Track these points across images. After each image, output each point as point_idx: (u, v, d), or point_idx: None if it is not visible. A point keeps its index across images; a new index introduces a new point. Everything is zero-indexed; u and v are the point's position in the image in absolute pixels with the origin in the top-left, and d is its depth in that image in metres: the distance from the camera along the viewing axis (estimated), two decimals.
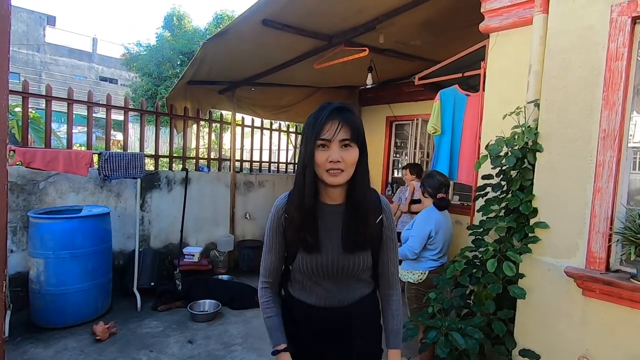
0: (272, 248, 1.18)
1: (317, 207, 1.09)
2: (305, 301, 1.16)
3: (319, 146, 1.01)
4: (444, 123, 3.03)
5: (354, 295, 1.15)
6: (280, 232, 1.15)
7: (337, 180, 1.02)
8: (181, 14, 12.59)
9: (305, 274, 1.12)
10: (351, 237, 1.08)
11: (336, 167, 1.00)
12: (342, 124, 1.01)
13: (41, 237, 3.00)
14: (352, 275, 1.13)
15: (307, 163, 1.03)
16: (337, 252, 1.09)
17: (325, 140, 1.00)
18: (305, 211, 1.06)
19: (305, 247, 1.09)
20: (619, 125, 1.64)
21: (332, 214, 1.11)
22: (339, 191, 1.09)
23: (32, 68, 17.56)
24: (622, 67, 1.63)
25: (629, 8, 1.61)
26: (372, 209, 1.11)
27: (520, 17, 2.30)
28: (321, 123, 1.00)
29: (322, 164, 1.01)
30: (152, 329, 3.17)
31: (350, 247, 1.09)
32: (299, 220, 1.08)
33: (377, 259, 1.18)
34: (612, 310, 1.65)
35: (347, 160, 1.01)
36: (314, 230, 1.08)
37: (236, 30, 3.11)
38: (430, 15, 3.15)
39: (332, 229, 1.10)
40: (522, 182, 2.01)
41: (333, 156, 1.00)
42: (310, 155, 1.02)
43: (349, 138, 1.01)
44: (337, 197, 1.11)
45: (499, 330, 1.90)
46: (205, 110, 4.97)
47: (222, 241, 4.72)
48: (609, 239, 1.67)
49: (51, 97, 3.60)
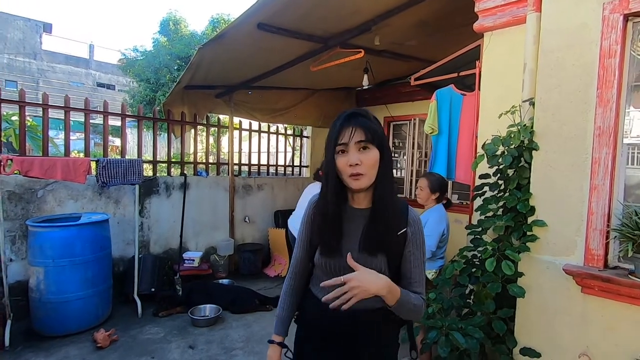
0: (300, 242, 1.23)
1: (345, 211, 1.13)
2: (317, 295, 1.18)
3: (338, 152, 1.06)
4: (441, 123, 3.04)
5: (362, 303, 1.10)
6: (309, 227, 1.20)
7: (359, 185, 1.05)
8: (177, 19, 12.59)
9: (323, 270, 1.16)
10: (368, 238, 1.09)
11: (356, 172, 1.03)
12: (356, 127, 1.04)
13: (40, 245, 2.99)
14: None
15: (329, 170, 1.08)
16: (354, 254, 1.09)
17: (343, 144, 1.05)
18: (328, 217, 1.10)
19: (324, 249, 1.13)
20: (614, 122, 1.65)
21: (358, 217, 1.13)
22: (364, 195, 1.12)
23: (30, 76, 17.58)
24: (616, 64, 1.64)
25: (621, 5, 1.61)
26: (393, 216, 1.10)
27: (514, 16, 2.31)
28: (338, 130, 1.06)
29: (343, 169, 1.05)
30: (153, 335, 3.16)
31: (367, 248, 1.09)
32: (322, 223, 1.12)
33: (395, 272, 1.13)
34: (611, 307, 1.66)
35: (365, 162, 1.04)
36: (335, 234, 1.11)
37: (231, 35, 3.12)
38: (424, 16, 3.16)
39: (354, 233, 1.12)
40: (519, 180, 2.01)
41: (352, 159, 1.03)
42: (331, 162, 1.07)
43: (364, 139, 1.04)
44: (362, 202, 1.13)
45: (500, 329, 1.90)
46: (203, 115, 4.98)
47: (221, 245, 4.72)
48: (606, 236, 1.68)
49: (48, 106, 3.60)
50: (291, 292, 1.26)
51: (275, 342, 1.23)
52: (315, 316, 1.19)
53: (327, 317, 1.14)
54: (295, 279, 1.26)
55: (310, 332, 1.21)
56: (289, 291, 1.26)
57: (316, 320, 1.18)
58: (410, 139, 5.30)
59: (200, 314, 3.52)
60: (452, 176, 3.07)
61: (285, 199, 5.72)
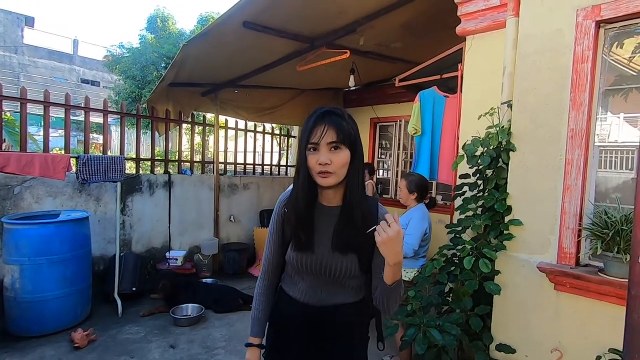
0: (271, 240, 1.23)
1: (316, 208, 1.14)
2: (289, 293, 1.20)
3: (309, 149, 1.06)
4: (424, 124, 3.08)
5: (334, 299, 1.15)
6: (280, 225, 1.20)
7: (327, 182, 1.05)
8: (165, 16, 12.41)
9: (294, 267, 1.17)
10: (340, 238, 1.10)
11: (325, 170, 1.04)
12: (329, 127, 1.04)
13: (16, 243, 2.91)
14: (336, 279, 1.13)
15: (300, 166, 1.09)
16: (326, 252, 1.12)
17: (314, 144, 1.05)
18: (299, 212, 1.11)
19: (297, 245, 1.13)
20: (586, 125, 1.71)
21: (328, 215, 1.13)
22: (333, 193, 1.12)
23: (10, 70, 17.06)
24: (588, 69, 1.70)
25: (593, 12, 1.67)
26: (364, 215, 1.09)
27: (495, 20, 2.37)
28: (310, 128, 1.05)
29: (313, 166, 1.06)
30: (133, 335, 3.11)
31: (339, 247, 1.10)
32: (294, 220, 1.13)
33: (366, 269, 1.14)
34: (582, 303, 1.71)
35: (335, 162, 1.04)
36: (307, 230, 1.12)
37: (216, 32, 3.10)
38: (409, 19, 3.20)
39: (326, 230, 1.13)
40: (497, 180, 2.06)
41: (321, 159, 1.03)
42: (303, 159, 1.07)
43: (336, 140, 1.04)
44: (332, 199, 1.14)
45: (476, 326, 1.94)
46: (188, 113, 4.92)
47: (206, 244, 4.67)
48: (578, 235, 1.73)
49: (26, 100, 3.51)
50: (265, 291, 1.25)
51: (253, 344, 1.22)
52: (289, 313, 1.19)
53: (302, 314, 1.16)
54: (268, 278, 1.25)
55: (283, 329, 1.21)
56: (262, 291, 1.25)
57: (290, 317, 1.19)
58: (396, 140, 5.36)
59: (182, 313, 3.48)
60: (435, 176, 3.11)
61: (271, 199, 5.70)
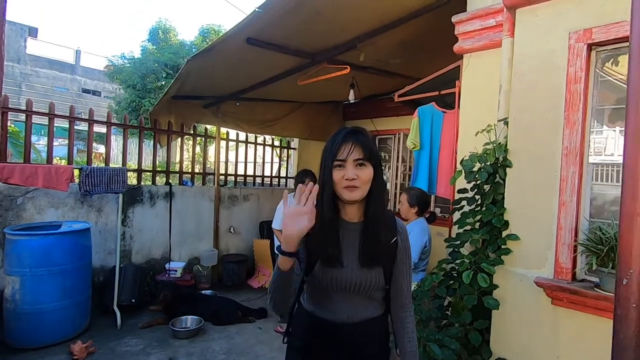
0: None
1: (338, 222, 1.16)
2: (314, 313, 1.19)
3: (335, 166, 1.10)
4: (423, 138, 3.14)
5: (363, 314, 1.17)
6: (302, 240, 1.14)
7: (354, 196, 1.09)
8: (167, 27, 12.60)
9: (320, 286, 1.15)
10: (367, 253, 1.13)
11: (352, 185, 1.08)
12: (355, 145, 1.09)
13: (18, 254, 2.93)
14: (365, 293, 1.15)
15: (325, 181, 1.11)
16: (355, 268, 1.13)
17: (341, 160, 1.09)
18: (325, 224, 1.11)
19: (325, 259, 1.13)
20: (580, 143, 1.76)
21: (351, 231, 1.16)
22: (356, 209, 1.15)
23: (12, 80, 17.19)
24: (581, 89, 1.76)
25: (585, 35, 1.74)
26: (386, 228, 1.16)
27: (491, 40, 2.44)
28: (337, 145, 1.10)
29: (339, 181, 1.09)
30: (132, 347, 3.10)
31: (367, 263, 1.13)
32: (321, 233, 1.11)
33: (389, 280, 1.19)
34: (579, 318, 1.74)
35: (362, 177, 1.08)
36: (335, 243, 1.13)
37: (221, 48, 3.17)
38: (408, 36, 3.29)
39: (350, 246, 1.15)
40: (495, 195, 2.10)
41: (348, 174, 1.07)
42: (328, 174, 1.10)
43: (362, 157, 1.09)
44: (354, 215, 1.16)
45: (475, 340, 1.95)
46: (190, 125, 4.99)
47: (205, 256, 4.68)
48: (574, 250, 1.77)
49: (32, 112, 3.56)
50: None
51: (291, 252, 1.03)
52: (312, 330, 1.19)
53: (325, 330, 1.16)
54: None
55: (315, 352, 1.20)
56: None
57: (313, 334, 1.19)
58: (395, 152, 5.42)
59: (182, 325, 3.47)
60: (434, 190, 3.16)
61: (271, 210, 5.70)
